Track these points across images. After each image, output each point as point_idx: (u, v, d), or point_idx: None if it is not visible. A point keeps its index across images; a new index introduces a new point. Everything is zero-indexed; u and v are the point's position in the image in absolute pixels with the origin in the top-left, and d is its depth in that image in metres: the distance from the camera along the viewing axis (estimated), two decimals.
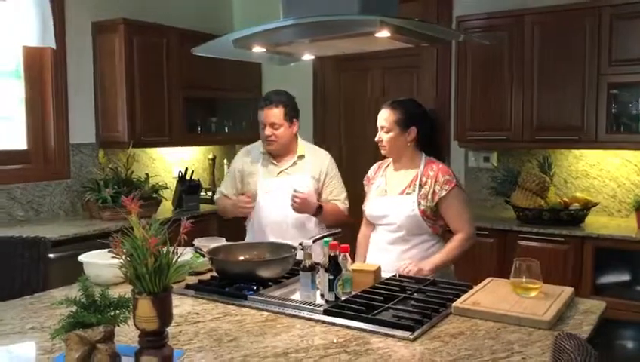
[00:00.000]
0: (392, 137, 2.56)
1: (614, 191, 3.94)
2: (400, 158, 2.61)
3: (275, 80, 5.25)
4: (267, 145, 2.90)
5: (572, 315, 1.95)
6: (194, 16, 4.93)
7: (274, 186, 2.90)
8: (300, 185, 2.84)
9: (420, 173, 2.54)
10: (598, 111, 3.66)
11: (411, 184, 2.54)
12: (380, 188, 2.62)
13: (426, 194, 2.50)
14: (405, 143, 2.57)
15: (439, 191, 2.48)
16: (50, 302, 2.14)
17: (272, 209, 2.89)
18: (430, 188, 2.49)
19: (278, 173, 2.93)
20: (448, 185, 2.49)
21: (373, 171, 2.76)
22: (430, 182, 2.50)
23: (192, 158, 5.12)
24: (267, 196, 2.90)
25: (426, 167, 2.56)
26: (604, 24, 3.59)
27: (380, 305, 1.99)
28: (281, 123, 2.84)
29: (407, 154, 2.59)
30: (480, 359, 1.59)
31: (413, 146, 2.59)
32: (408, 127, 2.55)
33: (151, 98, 4.33)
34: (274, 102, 2.84)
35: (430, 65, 4.53)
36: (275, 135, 2.85)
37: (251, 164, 2.98)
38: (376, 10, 2.04)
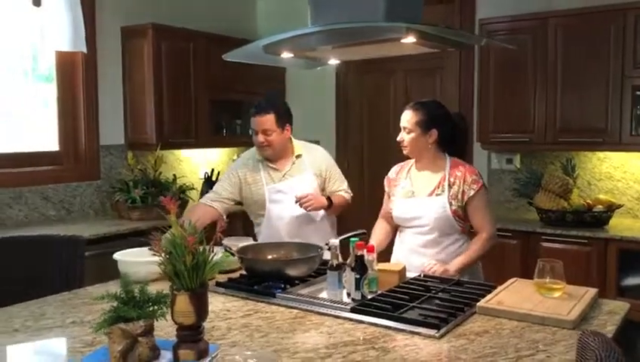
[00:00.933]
0: (414, 138, 2.60)
1: (639, 193, 3.94)
2: (422, 159, 2.64)
3: (299, 83, 5.34)
4: (261, 152, 2.92)
5: (596, 316, 1.97)
6: (219, 21, 5.02)
7: (281, 190, 2.93)
8: (304, 185, 2.91)
9: (447, 173, 2.57)
10: (622, 113, 3.67)
11: (440, 185, 2.56)
12: (406, 190, 2.65)
13: (455, 194, 2.53)
14: (426, 144, 2.60)
15: (468, 191, 2.52)
16: (88, 298, 2.23)
17: (284, 212, 2.91)
18: (459, 188, 2.53)
19: (282, 177, 2.95)
20: (476, 185, 2.53)
21: (394, 173, 2.78)
22: (459, 182, 2.53)
23: (217, 160, 5.21)
24: (276, 203, 2.93)
25: (453, 167, 2.59)
26: (629, 26, 3.60)
27: (405, 303, 2.03)
28: (273, 129, 2.86)
29: (429, 155, 2.62)
30: (505, 357, 1.63)
31: (435, 148, 2.62)
32: (430, 128, 2.58)
33: (178, 101, 4.43)
34: (265, 109, 2.86)
35: (453, 67, 4.56)
36: (267, 141, 2.86)
37: (253, 174, 2.96)
38: (402, 16, 2.10)
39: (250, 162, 2.99)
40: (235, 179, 2.98)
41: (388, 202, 2.77)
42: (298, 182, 2.92)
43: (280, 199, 2.92)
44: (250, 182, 2.96)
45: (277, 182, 2.94)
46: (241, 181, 2.97)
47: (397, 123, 3.75)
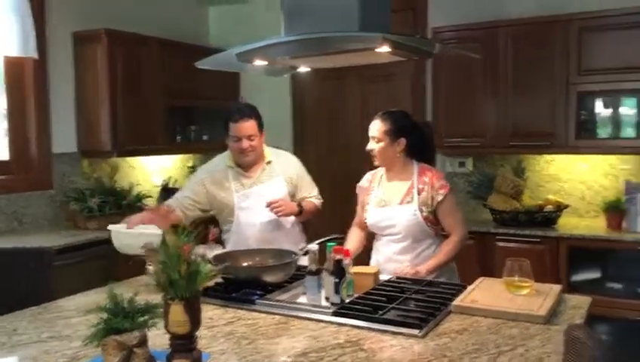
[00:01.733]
0: (382, 147, 2.65)
1: (583, 193, 4.16)
2: (391, 168, 2.71)
3: (254, 90, 5.34)
4: (244, 158, 2.91)
5: (563, 310, 2.10)
6: (171, 27, 4.97)
7: (250, 197, 2.93)
8: (274, 191, 2.93)
9: (415, 181, 2.64)
10: (568, 118, 3.87)
11: (409, 193, 2.63)
12: (379, 199, 2.71)
13: (425, 200, 2.60)
14: (395, 153, 2.66)
15: (436, 196, 2.60)
16: (60, 311, 2.18)
17: (253, 219, 2.92)
18: (428, 193, 2.60)
19: (252, 183, 2.95)
20: (443, 189, 2.61)
21: (367, 181, 2.83)
22: (427, 188, 2.61)
23: (171, 166, 5.15)
24: (245, 210, 2.93)
25: (420, 174, 2.66)
26: (572, 35, 3.81)
27: (384, 305, 2.09)
28: (255, 134, 2.88)
29: (398, 163, 2.69)
30: (487, 353, 1.71)
31: (403, 156, 2.68)
32: (398, 137, 2.65)
33: (133, 107, 4.36)
34: (248, 115, 2.87)
35: (406, 73, 4.67)
36: (251, 146, 2.87)
37: (222, 181, 2.96)
38: (375, 25, 2.16)
39: (220, 168, 2.98)
40: (200, 188, 2.97)
41: (362, 211, 2.81)
42: (268, 189, 2.93)
43: (249, 206, 2.93)
44: (218, 190, 2.95)
45: (247, 189, 2.94)
46: (207, 190, 2.96)
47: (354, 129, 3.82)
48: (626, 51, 3.67)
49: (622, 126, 3.92)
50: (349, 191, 3.02)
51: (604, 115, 3.97)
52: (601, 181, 4.10)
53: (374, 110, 4.84)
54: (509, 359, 1.66)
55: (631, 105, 3.90)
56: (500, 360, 1.66)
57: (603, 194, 4.07)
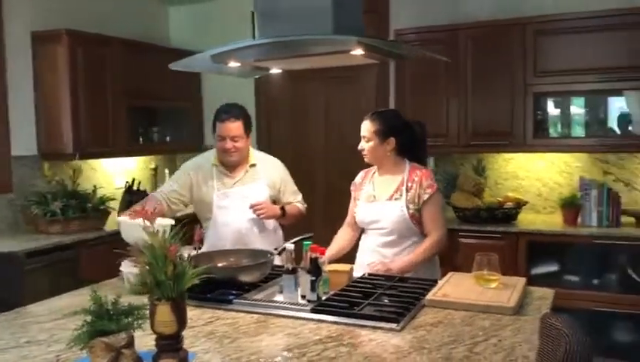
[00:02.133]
0: (372, 147, 2.71)
1: (540, 190, 4.33)
2: (382, 165, 2.77)
3: (217, 91, 5.33)
4: (227, 157, 2.91)
5: (530, 302, 2.20)
6: (132, 27, 4.92)
7: (230, 197, 2.95)
8: (254, 193, 2.95)
9: (405, 178, 2.70)
10: (525, 118, 4.03)
11: (398, 190, 2.69)
12: (369, 195, 2.77)
13: (412, 198, 2.66)
14: (385, 152, 2.71)
15: (423, 195, 2.65)
16: (33, 316, 2.15)
17: (230, 219, 2.94)
18: (416, 191, 2.65)
19: (233, 183, 2.98)
20: (431, 189, 2.67)
21: (360, 178, 2.89)
22: (415, 186, 2.66)
23: (133, 168, 5.09)
24: (223, 209, 2.94)
25: (411, 172, 2.71)
26: (529, 38, 3.96)
27: (360, 301, 2.15)
28: (241, 135, 2.88)
29: (389, 162, 2.74)
30: (463, 344, 1.79)
31: (394, 155, 2.73)
32: (387, 137, 2.69)
33: (95, 108, 4.30)
34: (235, 115, 2.87)
35: (370, 75, 4.75)
36: (235, 147, 2.88)
37: (205, 177, 2.97)
38: (349, 28, 2.21)
39: (205, 165, 2.99)
40: (186, 179, 2.99)
41: (353, 207, 2.87)
42: (249, 190, 2.94)
43: (227, 205, 2.94)
44: (201, 184, 2.96)
45: (227, 188, 2.95)
46: (192, 182, 2.97)
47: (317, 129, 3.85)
48: (577, 54, 3.84)
49: (573, 125, 4.11)
50: (313, 190, 3.07)
51: (558, 115, 4.15)
52: (557, 178, 4.28)
53: (338, 111, 4.99)
54: (483, 349, 1.74)
55: (580, 105, 4.09)
56: (475, 350, 1.73)
57: (558, 191, 4.24)
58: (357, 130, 4.88)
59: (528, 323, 1.96)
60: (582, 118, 4.16)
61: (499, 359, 1.66)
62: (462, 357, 1.68)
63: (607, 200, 3.75)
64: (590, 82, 3.85)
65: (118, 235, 3.98)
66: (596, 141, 3.96)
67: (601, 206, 3.76)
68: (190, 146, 5.42)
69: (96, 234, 3.93)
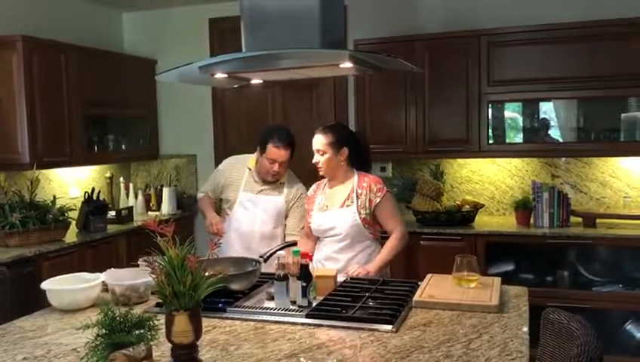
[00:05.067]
0: (328, 158, 2.85)
1: (493, 193, 4.56)
2: (335, 176, 2.91)
3: (172, 97, 5.30)
4: (267, 177, 3.16)
5: (508, 299, 2.34)
6: (86, 34, 4.82)
7: (251, 201, 3.20)
8: (272, 206, 3.20)
9: (355, 186, 2.85)
10: (480, 125, 4.23)
11: (349, 197, 2.84)
12: (321, 205, 2.91)
13: (363, 203, 2.81)
14: (339, 163, 2.87)
15: (374, 199, 2.81)
16: (21, 332, 2.11)
17: (244, 221, 3.20)
18: (366, 197, 2.82)
19: (259, 191, 3.21)
20: (381, 192, 2.83)
21: (312, 191, 3.04)
22: (365, 192, 2.83)
23: (88, 178, 4.97)
24: (241, 209, 3.20)
25: (359, 180, 2.87)
26: (483, 49, 4.17)
27: (351, 305, 2.23)
28: (286, 162, 3.13)
29: (341, 172, 2.89)
30: (459, 341, 1.90)
31: (345, 164, 2.89)
32: (341, 147, 2.85)
33: (51, 117, 4.19)
34: (288, 144, 3.09)
35: (328, 82, 4.83)
36: (279, 173, 3.15)
37: (237, 175, 3.25)
38: (334, 41, 2.30)
39: (240, 165, 3.27)
40: (219, 179, 3.32)
41: (308, 218, 2.99)
42: (268, 203, 3.21)
43: (247, 208, 3.19)
44: (229, 181, 3.26)
45: (251, 193, 3.20)
46: (223, 181, 3.29)
47: None
48: (529, 65, 4.07)
49: (524, 132, 4.35)
50: None
51: (510, 123, 4.38)
52: (508, 182, 4.51)
53: (296, 118, 5.06)
54: (479, 345, 1.86)
55: (529, 113, 4.34)
56: (472, 346, 1.85)
57: (510, 194, 4.48)
58: None
59: (512, 320, 2.09)
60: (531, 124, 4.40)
61: (495, 354, 1.78)
62: (461, 354, 1.79)
63: (557, 201, 3.99)
64: (540, 91, 4.10)
65: (79, 246, 3.94)
66: (540, 146, 4.25)
67: (552, 207, 4.00)
68: (146, 154, 5.36)
69: (57, 245, 3.82)
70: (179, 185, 5.37)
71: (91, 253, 4.08)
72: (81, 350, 1.87)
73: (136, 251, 4.32)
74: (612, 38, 3.91)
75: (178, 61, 3.84)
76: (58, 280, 2.38)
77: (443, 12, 4.52)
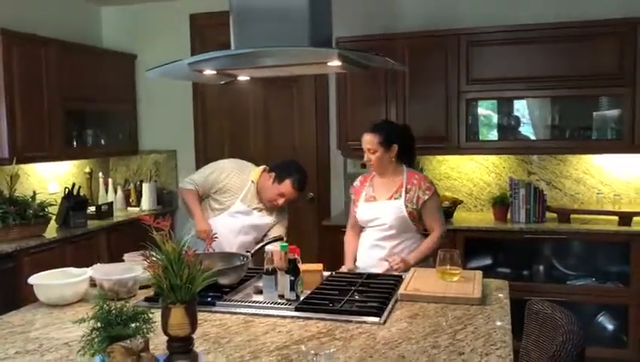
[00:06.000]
0: (379, 156, 2.93)
1: (471, 189, 4.65)
2: (385, 173, 2.99)
3: (153, 92, 5.28)
4: (269, 204, 3.23)
5: (490, 292, 2.42)
6: (64, 28, 4.77)
7: (242, 213, 3.22)
8: (262, 222, 3.28)
9: (405, 181, 2.95)
10: (459, 122, 4.31)
11: (398, 191, 2.94)
12: (369, 195, 3.00)
13: (411, 198, 2.91)
14: (390, 159, 2.96)
15: (422, 196, 2.91)
16: (10, 327, 2.11)
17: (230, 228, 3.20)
18: (415, 193, 2.91)
19: (254, 207, 3.25)
20: (429, 191, 2.94)
21: (359, 182, 3.13)
22: (415, 188, 2.92)
23: (67, 173, 4.93)
24: (231, 218, 3.21)
25: (410, 176, 2.98)
26: (462, 48, 4.25)
27: (338, 298, 2.28)
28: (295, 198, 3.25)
29: (391, 167, 2.98)
30: (444, 332, 1.96)
31: (394, 160, 2.98)
32: (391, 145, 2.94)
33: (31, 112, 4.14)
34: (303, 188, 3.21)
35: (309, 78, 4.85)
36: (280, 206, 3.24)
37: (239, 182, 3.23)
38: (322, 40, 2.34)
39: (243, 173, 3.26)
40: (216, 178, 3.24)
41: (353, 208, 3.08)
42: (257, 219, 3.26)
43: (237, 217, 3.21)
44: (230, 186, 3.22)
45: (245, 206, 3.22)
46: (224, 184, 3.23)
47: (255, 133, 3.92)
48: (504, 63, 4.17)
49: (501, 130, 4.45)
50: None
51: (487, 121, 4.48)
52: (486, 178, 4.61)
53: (277, 114, 5.08)
54: (464, 336, 1.92)
55: (508, 112, 4.44)
56: (458, 337, 1.91)
57: (487, 190, 4.58)
58: (298, 134, 5.06)
59: (495, 312, 2.17)
60: (507, 122, 4.50)
61: (480, 344, 1.85)
62: (447, 344, 1.85)
63: (533, 198, 4.10)
64: (517, 90, 4.20)
65: (59, 242, 3.91)
66: (515, 143, 4.36)
67: (529, 203, 4.11)
68: (125, 149, 5.33)
69: (37, 241, 3.80)
70: (159, 181, 5.35)
71: (72, 249, 4.06)
72: (73, 344, 1.90)
73: (116, 247, 4.32)
74: (586, 39, 4.02)
75: (158, 56, 3.87)
76: (45, 276, 2.37)
77: (423, 11, 4.59)
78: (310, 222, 4.89)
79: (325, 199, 5.00)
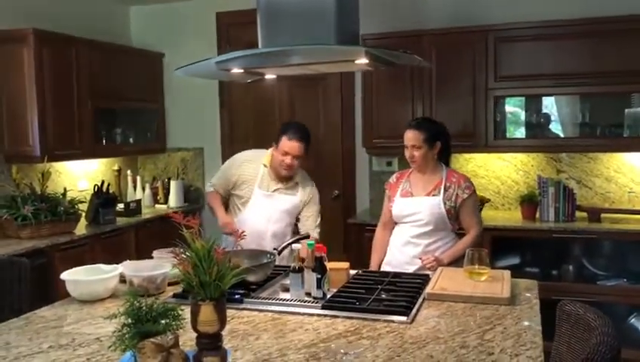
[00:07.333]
0: (423, 153, 2.95)
1: (499, 188, 4.60)
2: (426, 169, 3.00)
3: (180, 91, 5.33)
4: (282, 171, 3.14)
5: (519, 292, 2.39)
6: (93, 27, 4.84)
7: (265, 200, 3.19)
8: (286, 206, 3.22)
9: (444, 179, 2.95)
10: (487, 120, 4.27)
11: (436, 188, 2.94)
12: (405, 191, 3.01)
13: (450, 196, 2.91)
14: (433, 156, 2.98)
15: (461, 195, 2.92)
16: (44, 322, 2.15)
17: (257, 218, 3.18)
18: (454, 191, 2.92)
19: (274, 189, 3.21)
20: (469, 190, 2.94)
21: (395, 178, 3.15)
22: (454, 186, 2.93)
23: (96, 170, 5.01)
24: (256, 206, 3.19)
25: (449, 174, 3.00)
26: (490, 45, 4.20)
27: (365, 296, 2.28)
28: (301, 156, 3.13)
29: (432, 164, 3.00)
30: (473, 332, 1.94)
31: (436, 157, 3.00)
32: (434, 142, 2.96)
33: (62, 110, 4.23)
34: (302, 138, 3.09)
35: (335, 78, 4.85)
36: (293, 164, 3.12)
37: (252, 172, 3.22)
38: (349, 37, 2.33)
39: (255, 161, 3.24)
40: (232, 174, 3.25)
41: (388, 204, 3.08)
42: (283, 203, 3.21)
43: (261, 205, 3.18)
44: (244, 178, 3.21)
45: (265, 191, 3.20)
46: (237, 177, 3.24)
47: None
48: (533, 60, 4.10)
49: (529, 127, 4.39)
50: None
51: (515, 118, 4.42)
52: (514, 176, 4.55)
53: (303, 112, 5.09)
54: (493, 336, 1.90)
55: (536, 109, 4.38)
56: (486, 337, 1.89)
57: (515, 188, 4.52)
58: (324, 132, 5.05)
59: (524, 312, 2.14)
60: (537, 120, 4.44)
61: (509, 344, 1.83)
62: (476, 345, 1.84)
63: (563, 196, 4.04)
64: (546, 87, 4.14)
65: (89, 238, 3.97)
66: (545, 142, 4.30)
67: (558, 202, 4.05)
68: (153, 148, 5.40)
69: (67, 237, 3.87)
70: (186, 178, 5.41)
71: (102, 245, 4.12)
72: (104, 339, 1.93)
73: (144, 244, 4.38)
74: (617, 35, 3.94)
75: (185, 54, 3.90)
76: (76, 272, 2.42)
77: (450, 7, 4.55)
78: (336, 219, 4.88)
79: (350, 197, 4.99)
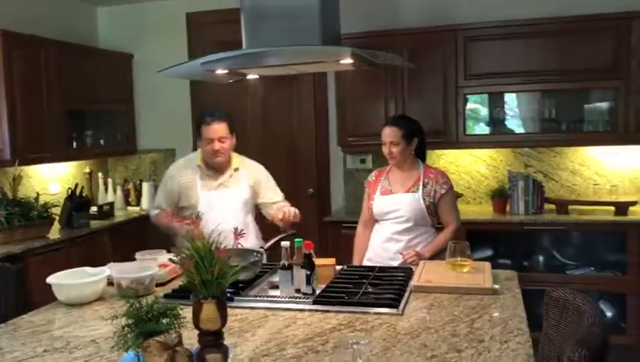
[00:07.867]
0: (401, 149, 3.01)
1: (469, 183, 4.72)
2: (403, 166, 3.06)
3: (150, 91, 5.29)
4: (215, 158, 3.03)
5: (500, 282, 2.47)
6: (60, 28, 4.76)
7: (214, 199, 3.08)
8: (238, 195, 3.12)
9: (422, 175, 3.03)
10: (457, 117, 4.38)
11: (415, 184, 3.01)
12: (385, 188, 3.06)
13: (429, 192, 2.99)
14: (410, 152, 3.05)
15: (439, 190, 2.99)
16: (33, 326, 2.13)
17: (214, 220, 2.98)
18: (432, 187, 3.00)
19: (217, 185, 3.11)
20: (446, 185, 3.02)
21: (374, 176, 3.19)
22: (432, 182, 3.00)
23: (67, 173, 4.93)
24: (207, 209, 3.03)
25: (427, 170, 3.07)
26: (459, 44, 4.31)
27: (354, 290, 2.33)
28: (227, 136, 3.02)
29: (410, 160, 3.06)
30: (462, 321, 2.02)
31: (413, 154, 3.07)
32: (412, 138, 3.03)
33: (32, 113, 4.15)
34: (220, 117, 3.00)
35: (307, 77, 4.87)
36: (223, 148, 3.01)
37: (190, 177, 3.10)
38: (333, 38, 2.38)
39: (188, 167, 3.12)
40: (172, 186, 3.13)
41: (368, 203, 3.12)
42: (232, 194, 3.10)
43: (213, 206, 3.04)
44: (186, 185, 3.08)
45: (211, 191, 3.08)
46: (178, 187, 3.12)
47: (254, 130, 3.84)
48: (500, 58, 4.23)
49: (498, 123, 4.53)
50: None
51: (485, 114, 4.55)
52: (483, 171, 4.68)
53: (276, 110, 5.11)
54: (481, 325, 1.98)
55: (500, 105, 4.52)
56: (475, 326, 1.97)
57: (485, 183, 4.65)
58: (297, 131, 5.08)
59: (508, 301, 2.23)
60: (505, 116, 4.58)
61: (498, 332, 1.91)
62: (467, 333, 1.91)
63: (532, 190, 4.18)
64: (513, 84, 4.28)
65: (64, 242, 3.92)
66: (513, 137, 4.45)
67: (527, 195, 4.19)
68: (124, 149, 5.34)
69: (42, 242, 3.81)
70: (157, 180, 5.35)
71: (77, 249, 4.07)
72: (100, 341, 1.94)
73: (120, 246, 4.34)
74: (581, 33, 4.09)
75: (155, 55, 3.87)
76: (62, 275, 2.40)
77: (422, 7, 4.64)
78: (311, 218, 4.92)
79: (325, 195, 5.05)
